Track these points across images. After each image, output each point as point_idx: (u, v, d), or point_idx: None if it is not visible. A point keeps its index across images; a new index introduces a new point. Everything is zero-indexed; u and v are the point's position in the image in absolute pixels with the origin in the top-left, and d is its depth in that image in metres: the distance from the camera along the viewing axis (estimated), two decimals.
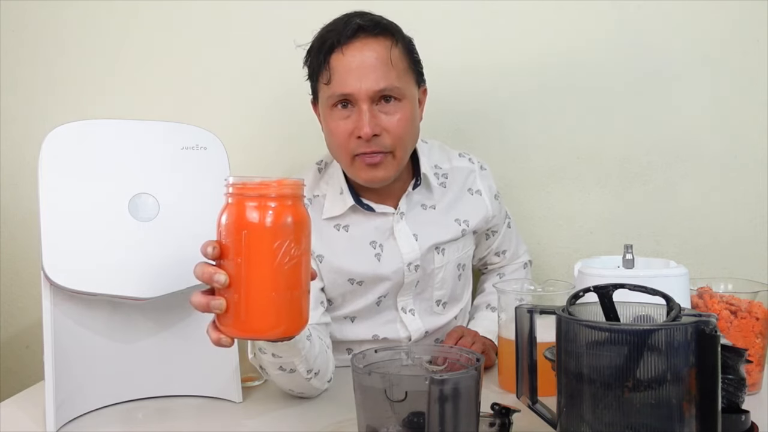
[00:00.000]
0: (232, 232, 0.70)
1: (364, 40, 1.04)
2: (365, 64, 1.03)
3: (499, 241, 1.31)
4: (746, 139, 1.40)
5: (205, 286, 0.74)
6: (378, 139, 1.05)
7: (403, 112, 1.06)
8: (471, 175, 1.24)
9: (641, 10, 1.41)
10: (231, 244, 0.70)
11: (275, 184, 0.71)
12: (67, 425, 0.93)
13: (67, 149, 0.92)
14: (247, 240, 0.70)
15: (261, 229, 0.70)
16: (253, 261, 0.70)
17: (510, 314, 0.99)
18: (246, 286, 0.70)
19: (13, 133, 1.54)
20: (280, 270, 0.70)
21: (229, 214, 0.71)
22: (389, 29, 1.07)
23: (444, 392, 0.65)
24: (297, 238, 0.71)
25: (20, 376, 1.52)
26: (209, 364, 1.01)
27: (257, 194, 0.70)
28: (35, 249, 0.89)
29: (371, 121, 1.03)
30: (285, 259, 0.70)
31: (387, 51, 1.04)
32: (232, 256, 0.70)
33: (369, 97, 1.03)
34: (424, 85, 1.15)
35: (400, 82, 1.05)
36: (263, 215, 0.70)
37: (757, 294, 0.98)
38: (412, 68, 1.10)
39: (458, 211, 1.21)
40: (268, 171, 1.46)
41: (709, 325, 0.62)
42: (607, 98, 1.43)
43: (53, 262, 0.89)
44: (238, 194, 0.71)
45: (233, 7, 1.48)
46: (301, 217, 0.72)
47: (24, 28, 1.53)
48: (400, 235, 1.15)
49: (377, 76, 1.03)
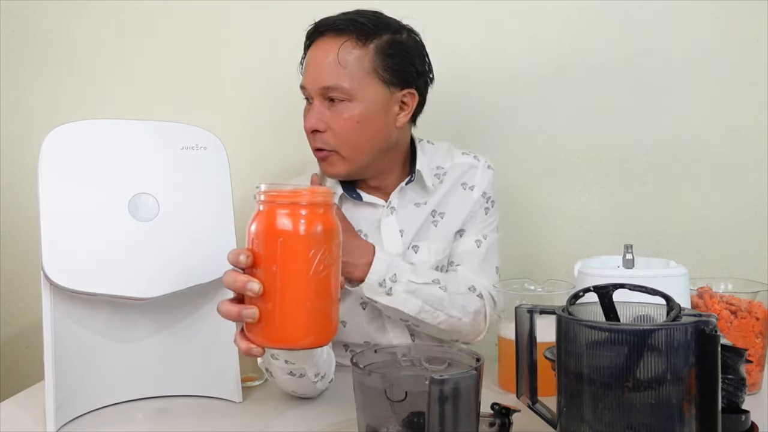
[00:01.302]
0: (266, 240, 0.69)
1: (327, 38, 1.08)
2: (318, 61, 1.08)
3: (460, 248, 1.19)
4: (746, 139, 1.41)
5: (227, 293, 0.73)
6: (320, 136, 1.09)
7: (350, 113, 1.07)
8: (470, 171, 1.21)
9: (642, 10, 1.41)
10: (264, 252, 0.69)
11: (308, 192, 0.70)
12: (67, 425, 0.93)
13: (67, 149, 0.92)
14: (283, 248, 0.69)
15: (297, 237, 0.69)
16: (288, 269, 0.69)
17: (510, 314, 0.99)
18: (281, 295, 0.69)
19: (13, 133, 1.54)
20: (314, 279, 0.69)
21: (264, 222, 0.70)
22: (354, 29, 1.06)
23: (444, 392, 0.65)
24: (329, 247, 0.70)
25: (20, 376, 1.52)
26: (209, 364, 1.01)
27: (290, 202, 0.69)
28: (35, 249, 0.89)
29: (313, 116, 1.08)
30: (320, 267, 0.69)
31: (346, 51, 1.06)
32: (266, 265, 0.69)
33: (318, 93, 1.08)
34: (409, 89, 1.12)
35: (351, 83, 1.06)
36: (299, 223, 0.69)
37: (757, 294, 0.98)
38: (380, 71, 1.08)
39: (441, 205, 1.18)
40: (269, 171, 1.46)
41: (709, 325, 0.62)
42: (607, 98, 1.43)
43: (53, 262, 0.89)
44: (270, 202, 0.70)
45: (233, 7, 1.48)
46: (333, 226, 0.71)
47: (24, 28, 1.53)
48: (386, 229, 1.16)
49: (324, 74, 1.07)
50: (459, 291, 1.12)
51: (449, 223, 1.18)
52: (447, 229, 1.18)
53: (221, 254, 0.97)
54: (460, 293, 1.11)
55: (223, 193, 1.01)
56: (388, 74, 1.09)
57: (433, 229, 1.18)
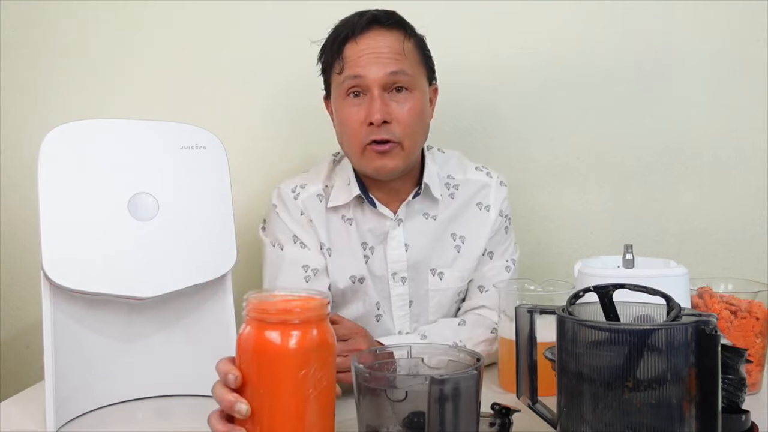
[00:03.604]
0: (252, 360, 0.66)
1: (378, 31, 1.07)
2: (378, 50, 1.06)
3: (491, 273, 1.18)
4: (746, 140, 1.41)
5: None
6: (388, 127, 1.06)
7: (413, 103, 1.07)
8: (484, 190, 1.19)
9: (642, 10, 1.41)
10: (252, 372, 0.66)
11: (299, 308, 0.66)
12: (67, 425, 0.93)
13: (66, 149, 0.92)
14: (271, 370, 0.65)
15: (284, 357, 0.65)
16: (277, 392, 0.65)
17: (510, 314, 0.99)
18: (269, 419, 0.65)
19: (13, 133, 1.54)
20: (306, 400, 0.65)
21: (251, 341, 0.66)
22: (402, 24, 1.09)
23: (444, 392, 0.65)
24: (323, 363, 0.66)
25: (20, 376, 1.52)
26: (209, 364, 1.01)
27: (280, 320, 0.65)
28: (35, 249, 0.89)
29: (382, 107, 1.05)
30: (310, 388, 0.65)
31: (400, 42, 1.06)
32: (254, 386, 0.66)
33: (380, 84, 1.05)
34: (435, 84, 1.16)
35: (412, 71, 1.07)
36: (289, 344, 0.64)
37: (757, 294, 0.98)
38: (424, 64, 1.11)
39: (458, 226, 1.17)
40: (268, 171, 1.46)
41: (709, 325, 0.62)
42: (607, 98, 1.43)
43: (53, 262, 0.89)
44: (258, 319, 0.66)
45: (233, 7, 1.48)
46: (326, 340, 0.67)
47: (24, 28, 1.52)
48: (391, 243, 1.15)
49: (389, 61, 1.05)
50: (479, 341, 1.09)
51: (472, 247, 1.17)
52: (471, 253, 1.17)
53: (221, 254, 0.98)
54: (481, 342, 1.09)
55: (223, 193, 1.00)
56: (428, 67, 1.12)
57: (455, 255, 1.17)
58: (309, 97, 1.16)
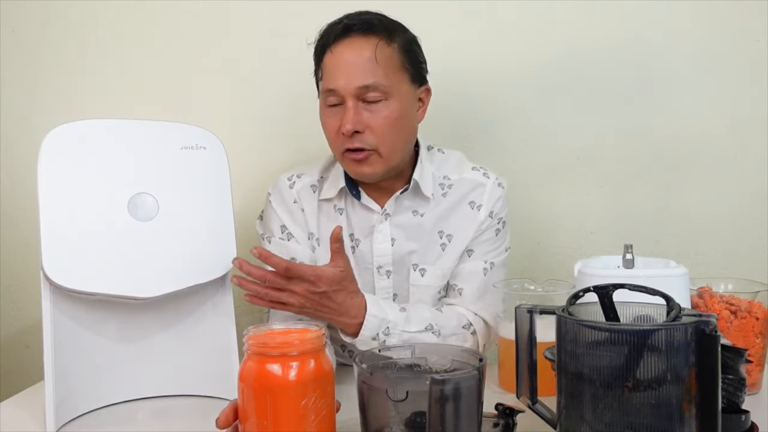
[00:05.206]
0: (254, 393, 0.70)
1: (352, 39, 1.07)
2: (350, 61, 1.06)
3: (466, 270, 1.16)
4: (746, 140, 1.41)
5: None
6: (360, 136, 1.07)
7: (389, 111, 1.07)
8: (478, 189, 1.18)
9: (641, 10, 1.41)
10: (254, 404, 0.70)
11: (298, 341, 0.70)
12: (67, 425, 0.93)
13: (66, 149, 0.92)
14: (273, 401, 0.69)
15: (286, 389, 0.69)
16: (280, 422, 0.69)
17: (510, 314, 0.99)
18: None
19: (13, 133, 1.54)
20: (308, 428, 0.69)
21: (253, 374, 0.70)
22: (381, 28, 1.08)
23: (445, 392, 0.65)
24: (323, 391, 0.71)
25: (20, 376, 1.52)
26: (209, 364, 1.01)
27: (280, 354, 0.69)
28: (35, 249, 0.89)
29: (353, 118, 1.05)
30: (312, 416, 0.69)
31: (373, 49, 1.06)
32: (257, 418, 0.69)
33: (353, 94, 1.06)
34: (427, 85, 1.15)
35: (387, 81, 1.06)
36: (289, 376, 0.69)
37: (757, 294, 0.99)
38: (408, 67, 1.10)
39: (447, 224, 1.17)
40: (268, 170, 1.46)
41: (709, 325, 0.62)
42: (607, 98, 1.43)
43: (53, 262, 0.89)
44: (260, 354, 0.70)
45: (233, 7, 1.48)
46: (325, 369, 0.72)
47: (24, 28, 1.52)
48: (377, 237, 1.15)
49: (361, 73, 1.05)
50: (454, 332, 1.09)
51: (456, 245, 1.16)
52: (454, 251, 1.16)
53: (221, 254, 0.98)
54: (454, 334, 1.09)
55: (223, 193, 1.01)
56: (413, 70, 1.11)
57: (440, 253, 1.16)
58: (309, 97, 1.16)
